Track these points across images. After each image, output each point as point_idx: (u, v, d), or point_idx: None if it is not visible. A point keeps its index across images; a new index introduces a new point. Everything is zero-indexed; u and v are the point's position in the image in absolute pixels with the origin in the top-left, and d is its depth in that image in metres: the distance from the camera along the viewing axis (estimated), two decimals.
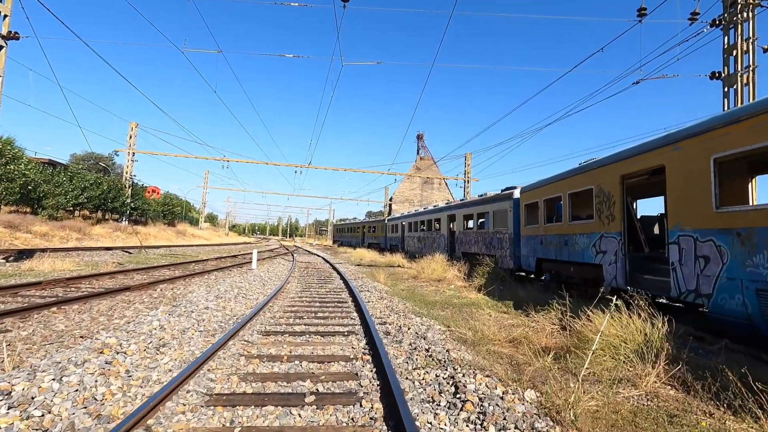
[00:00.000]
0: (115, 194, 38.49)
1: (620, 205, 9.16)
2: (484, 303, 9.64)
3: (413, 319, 6.79)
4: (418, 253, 26.84)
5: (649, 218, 11.80)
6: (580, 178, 10.94)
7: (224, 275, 12.88)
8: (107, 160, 71.57)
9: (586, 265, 10.72)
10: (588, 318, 5.30)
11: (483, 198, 18.28)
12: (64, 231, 29.44)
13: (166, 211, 55.58)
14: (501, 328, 6.94)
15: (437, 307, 9.03)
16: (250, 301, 8.39)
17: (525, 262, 14.51)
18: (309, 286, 11.62)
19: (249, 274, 13.13)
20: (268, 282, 11.83)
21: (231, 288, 9.26)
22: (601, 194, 9.89)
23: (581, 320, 6.26)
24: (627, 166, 8.91)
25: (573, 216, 11.71)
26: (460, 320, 7.43)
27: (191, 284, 10.31)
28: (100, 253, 19.22)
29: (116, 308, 6.75)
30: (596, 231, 10.07)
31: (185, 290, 9.05)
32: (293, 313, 7.50)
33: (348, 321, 6.99)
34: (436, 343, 5.24)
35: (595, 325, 4.84)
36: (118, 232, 35.47)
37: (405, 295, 10.44)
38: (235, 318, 6.71)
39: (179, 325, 5.54)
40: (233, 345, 5.04)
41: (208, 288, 9.41)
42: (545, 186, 12.89)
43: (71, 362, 3.67)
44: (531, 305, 8.45)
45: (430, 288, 12.73)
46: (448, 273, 15.07)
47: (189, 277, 11.53)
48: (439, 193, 73.50)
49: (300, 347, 5.23)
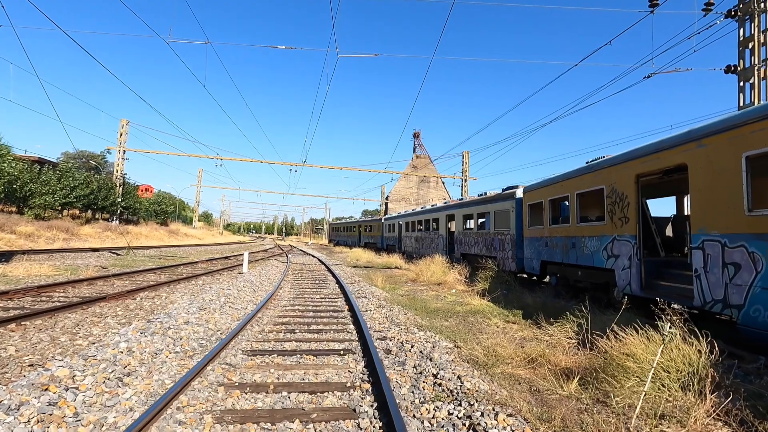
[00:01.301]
0: (105, 193, 37.56)
1: (635, 206, 8.57)
2: (489, 311, 9.03)
3: (416, 334, 6.15)
4: (416, 253, 26.23)
5: (661, 219, 11.24)
6: (589, 177, 10.34)
7: (213, 280, 12.18)
8: (99, 159, 70.39)
9: (595, 270, 10.14)
10: (616, 336, 4.68)
11: (483, 197, 17.67)
12: (51, 231, 28.54)
13: (158, 210, 54.61)
14: (512, 342, 6.32)
15: (440, 316, 8.41)
16: (238, 311, 7.72)
17: (528, 264, 13.92)
18: (302, 292, 10.96)
19: (239, 278, 12.44)
20: (259, 288, 11.15)
21: (217, 296, 8.57)
22: (614, 194, 9.29)
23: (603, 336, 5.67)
24: (643, 165, 8.32)
25: (581, 217, 11.13)
26: (467, 334, 6.81)
27: (175, 291, 9.61)
28: (86, 255, 18.44)
29: (84, 324, 6.02)
30: (608, 233, 9.49)
31: (166, 300, 8.34)
32: (284, 326, 6.85)
33: (344, 335, 6.35)
34: (444, 367, 4.61)
35: (627, 347, 4.22)
36: (108, 232, 34.57)
37: (405, 302, 9.81)
38: (218, 334, 6.04)
39: (152, 345, 4.86)
40: (212, 371, 4.38)
41: (192, 296, 8.71)
42: (550, 185, 12.30)
43: (1, 408, 2.99)
44: (541, 314, 7.85)
45: (430, 293, 12.12)
46: (449, 276, 14.46)
47: (174, 284, 10.82)
48: (436, 192, 72.95)
49: (289, 371, 4.59)
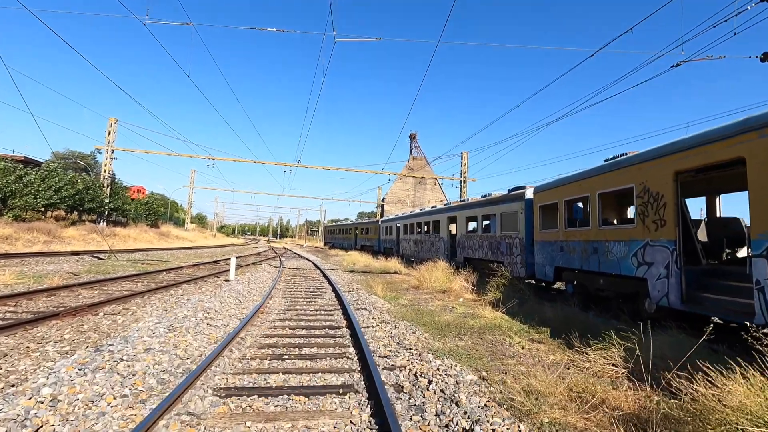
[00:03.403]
0: (92, 194, 36.07)
1: (673, 207, 7.52)
2: (506, 326, 7.93)
3: (432, 363, 5.02)
4: (415, 257, 25.10)
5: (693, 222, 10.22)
6: (613, 175, 9.29)
7: (194, 289, 10.95)
8: (89, 159, 68.69)
9: (622, 278, 9.08)
10: (699, 374, 3.59)
11: (489, 198, 16.60)
12: (32, 234, 27.13)
13: (148, 211, 53.01)
14: (546, 370, 5.22)
15: (453, 333, 7.30)
16: (217, 330, 6.55)
17: (540, 270, 12.86)
18: (295, 303, 9.80)
19: (224, 287, 11.23)
20: (246, 298, 9.97)
21: (194, 311, 7.38)
22: (646, 194, 8.24)
23: (666, 367, 4.59)
24: (684, 160, 7.27)
25: (603, 220, 10.08)
26: (490, 359, 5.70)
27: (147, 304, 8.38)
28: (62, 260, 17.13)
29: (14, 354, 4.73)
30: (638, 238, 8.43)
31: (132, 317, 7.10)
32: (270, 350, 5.70)
33: (343, 363, 5.21)
34: (478, 417, 3.49)
35: (732, 395, 3.12)
36: (93, 234, 33.13)
37: (410, 315, 8.69)
38: (187, 363, 4.88)
39: (90, 388, 3.70)
40: (165, 428, 3.22)
41: (164, 311, 7.50)
42: (567, 185, 11.24)
43: None
44: (572, 332, 6.76)
45: (436, 302, 11.00)
46: (454, 283, 13.35)
47: (149, 294, 9.59)
48: (433, 194, 71.95)
49: (272, 423, 3.45)
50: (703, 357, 5.01)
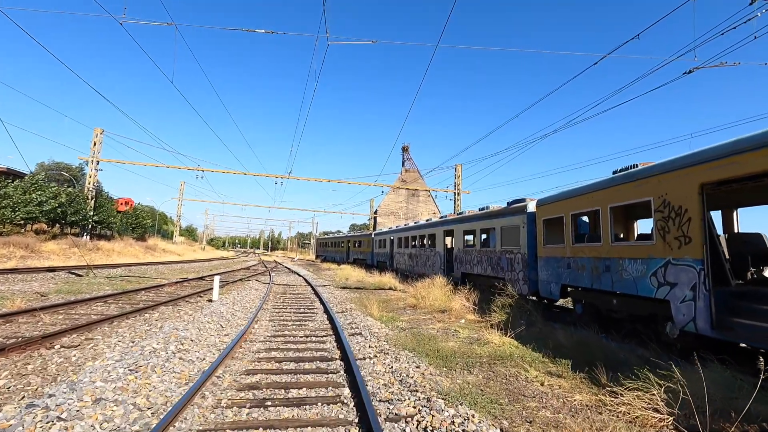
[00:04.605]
0: (76, 207, 34.76)
1: (699, 223, 6.87)
2: (518, 355, 7.13)
3: (443, 413, 4.20)
4: (410, 271, 24.27)
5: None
6: (628, 187, 8.66)
7: (172, 312, 9.99)
8: (76, 171, 67.08)
9: (639, 299, 8.38)
10: None
11: (488, 212, 15.93)
12: (8, 248, 25.83)
13: (135, 224, 51.52)
14: (575, 415, 4.44)
15: (460, 364, 6.48)
16: (191, 366, 5.65)
17: (544, 288, 12.13)
18: (283, 327, 8.92)
19: (206, 309, 10.28)
20: (228, 322, 9.06)
21: (166, 342, 6.46)
22: (666, 208, 7.60)
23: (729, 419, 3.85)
24: (712, 171, 6.63)
25: (616, 235, 9.42)
26: (507, 401, 4.90)
27: (113, 333, 7.39)
28: (37, 277, 16.01)
29: None
30: (657, 256, 7.75)
31: (92, 351, 6.10)
32: (251, 393, 4.84)
33: (338, 412, 4.37)
34: None
35: None
36: (75, 248, 31.81)
37: (411, 342, 7.86)
38: (147, 416, 4.00)
39: None
40: None
41: (131, 343, 6.56)
42: (574, 198, 10.60)
43: None
44: (594, 362, 6.00)
45: (436, 324, 10.18)
46: (454, 302, 12.56)
47: (119, 320, 8.62)
48: (426, 206, 71.43)
49: None
50: (759, 399, 4.28)
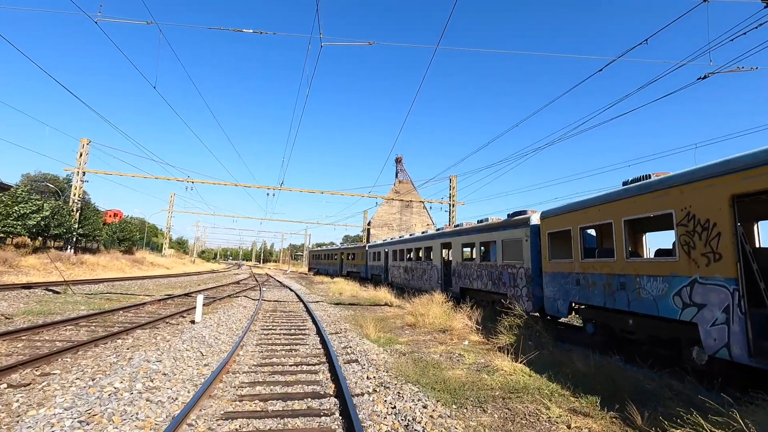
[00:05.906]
0: (59, 219, 33.51)
1: (731, 238, 6.23)
2: (535, 387, 6.36)
3: None
4: (406, 285, 23.44)
5: None
6: (645, 199, 8.04)
7: (148, 337, 9.05)
8: (63, 183, 65.59)
9: (660, 321, 7.70)
10: None
11: (487, 224, 15.27)
12: None
13: (121, 236, 50.14)
14: None
15: (471, 400, 5.71)
16: (158, 410, 4.80)
17: (551, 305, 11.44)
18: (271, 354, 8.07)
19: (186, 333, 9.37)
20: (210, 348, 8.19)
21: (133, 378, 5.59)
22: (690, 221, 6.96)
23: None
24: (746, 181, 6.01)
25: (631, 251, 8.77)
26: None
27: (74, 367, 6.41)
28: (9, 295, 14.94)
29: None
30: (681, 273, 7.10)
31: (42, 394, 5.17)
32: None
33: None
34: None
35: None
36: (58, 262, 30.54)
37: (413, 371, 7.06)
38: None
39: None
40: None
41: (90, 380, 5.65)
42: (583, 210, 9.97)
43: None
44: (622, 395, 5.28)
45: (438, 347, 9.39)
46: (455, 321, 11.78)
47: (85, 348, 7.68)
48: (419, 218, 70.87)
49: None
50: None
